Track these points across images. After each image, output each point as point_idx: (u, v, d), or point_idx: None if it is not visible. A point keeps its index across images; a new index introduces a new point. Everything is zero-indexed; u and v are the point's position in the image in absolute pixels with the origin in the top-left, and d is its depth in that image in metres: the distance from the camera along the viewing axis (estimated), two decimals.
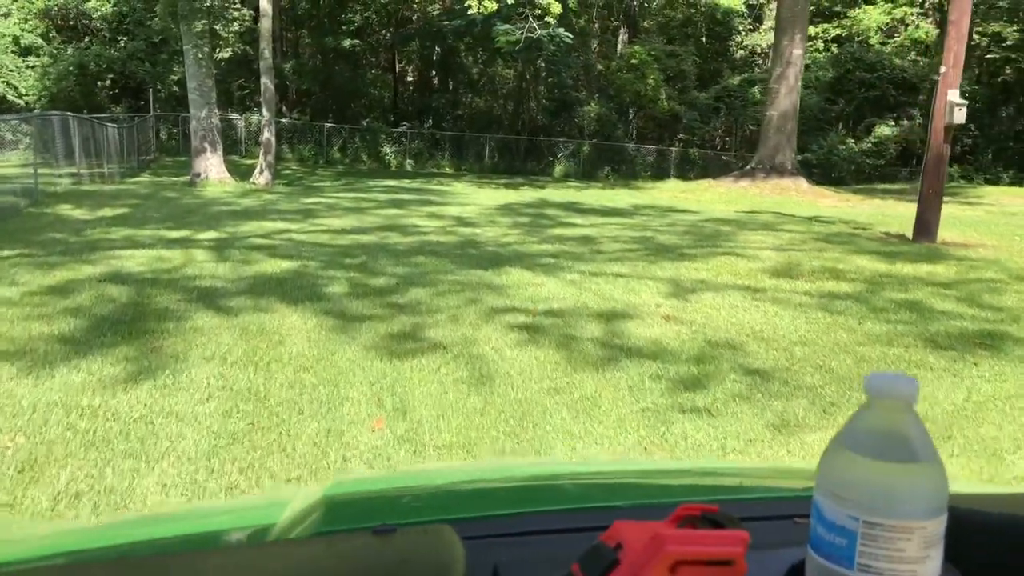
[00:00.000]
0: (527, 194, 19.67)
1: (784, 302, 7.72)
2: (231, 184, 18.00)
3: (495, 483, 1.49)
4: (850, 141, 33.78)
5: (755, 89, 35.06)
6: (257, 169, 19.36)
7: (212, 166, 17.99)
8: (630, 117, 35.87)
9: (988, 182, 33.58)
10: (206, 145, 17.86)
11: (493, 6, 19.08)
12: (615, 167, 32.75)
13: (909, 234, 12.94)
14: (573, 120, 34.15)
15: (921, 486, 0.65)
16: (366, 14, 34.32)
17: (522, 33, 28.01)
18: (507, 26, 28.99)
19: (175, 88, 30.22)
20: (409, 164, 31.53)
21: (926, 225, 11.92)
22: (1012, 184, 32.72)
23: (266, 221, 12.46)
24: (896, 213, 18.48)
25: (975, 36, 39.15)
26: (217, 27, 17.43)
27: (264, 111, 19.35)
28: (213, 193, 16.42)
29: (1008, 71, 35.75)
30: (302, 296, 7.53)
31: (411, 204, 15.62)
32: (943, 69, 11.47)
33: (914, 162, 37.01)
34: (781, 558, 0.74)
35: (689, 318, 7.02)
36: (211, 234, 11.08)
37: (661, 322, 6.86)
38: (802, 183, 23.16)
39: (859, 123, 34.77)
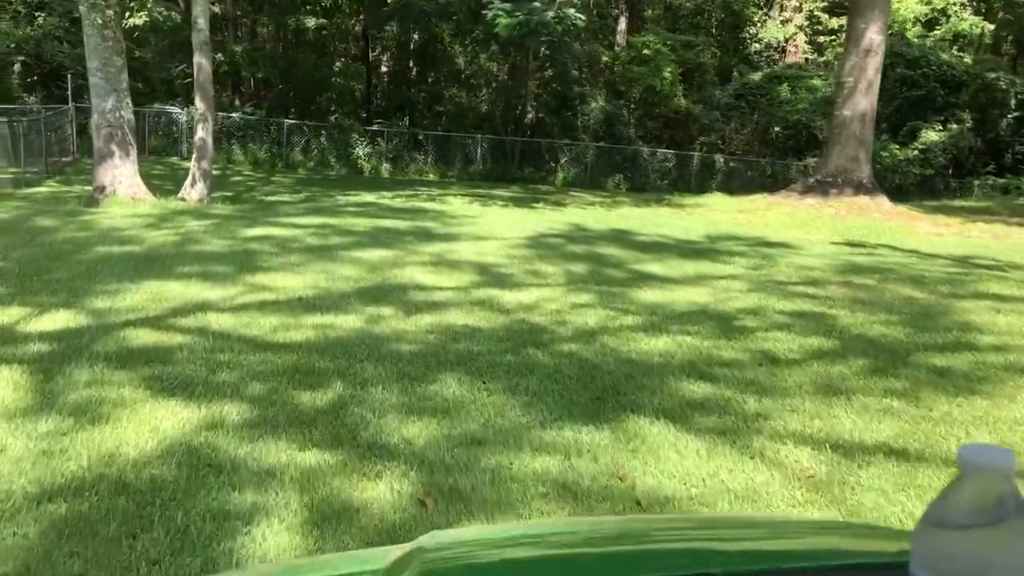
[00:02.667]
0: (551, 217, 14.84)
1: None
2: (148, 202, 12.96)
3: (592, 542, 1.40)
4: (893, 147, 29.34)
5: (784, 87, 30.56)
6: (188, 179, 14.35)
7: (122, 176, 12.97)
8: (638, 116, 31.14)
9: None
10: (113, 147, 12.83)
11: None
12: (627, 174, 28.03)
13: None
14: (575, 119, 29.38)
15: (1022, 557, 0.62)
16: None
17: (523, 14, 23.13)
18: (506, 4, 24.06)
19: None
20: (386, 169, 26.57)
21: None
22: None
23: (173, 280, 7.53)
24: None
25: None
26: None
27: (198, 101, 14.34)
28: (115, 218, 11.40)
29: None
30: None
31: (403, 238, 10.74)
32: None
33: (961, 172, 32.70)
34: None
35: None
36: (61, 316, 6.14)
37: None
38: (883, 202, 18.60)
39: (901, 127, 30.38)
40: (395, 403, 4.68)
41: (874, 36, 18.33)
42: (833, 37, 36.70)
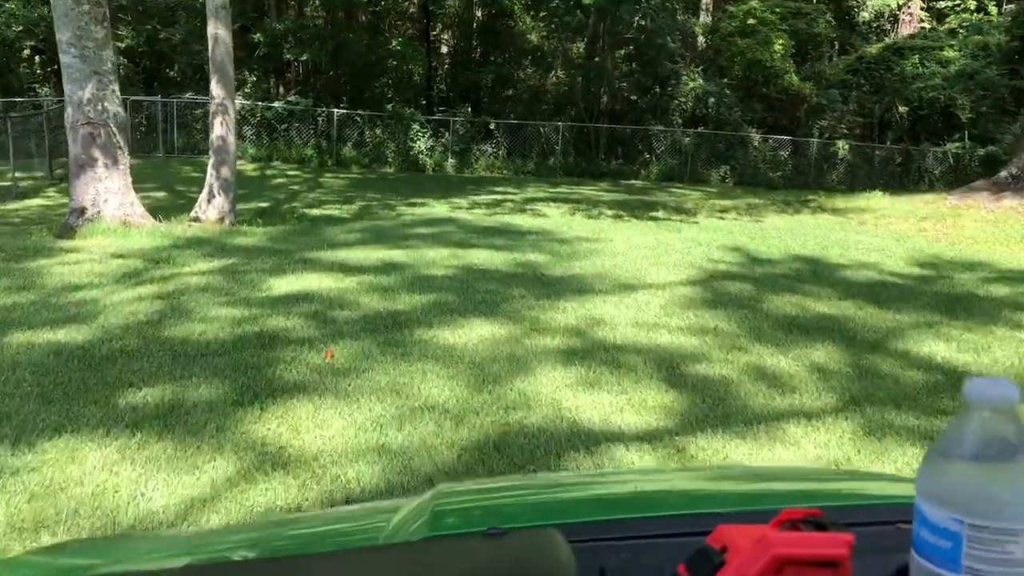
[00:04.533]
0: (692, 236, 10.87)
1: None
2: (143, 229, 9.33)
3: (598, 491, 1.44)
4: None
5: (914, 59, 26.02)
6: (204, 192, 10.71)
7: (108, 193, 9.36)
8: (739, 97, 26.83)
9: None
10: (95, 153, 9.24)
11: None
12: (733, 165, 23.85)
13: None
14: (669, 102, 25.23)
15: None
16: None
17: None
18: None
19: (119, 58, 21.59)
20: (451, 164, 22.80)
21: None
22: None
23: (98, 437, 3.82)
24: None
25: None
26: None
27: (214, 86, 10.68)
28: (82, 261, 7.76)
29: None
30: None
31: (509, 289, 6.94)
32: None
33: None
34: (885, 563, 0.74)
35: None
36: None
37: None
38: None
39: None
40: None
41: None
42: (957, 2, 31.92)
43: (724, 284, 7.57)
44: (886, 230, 12.44)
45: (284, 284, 6.93)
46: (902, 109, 26.85)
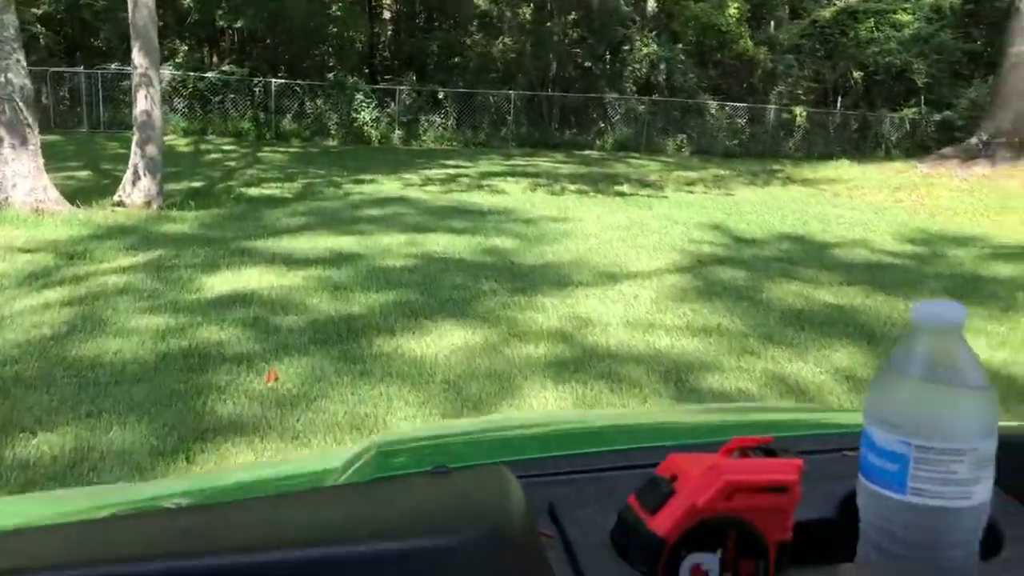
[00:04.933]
0: (664, 213, 10.14)
1: None
2: (59, 216, 8.29)
3: (547, 429, 1.44)
4: None
5: (870, 23, 25.58)
6: (128, 173, 9.67)
7: (17, 177, 8.28)
8: (693, 63, 26.17)
9: None
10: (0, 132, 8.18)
11: None
12: (690, 134, 23.20)
13: None
14: (622, 69, 24.46)
15: (971, 407, 0.63)
16: None
17: None
18: None
19: (36, 26, 20.12)
20: (398, 136, 21.75)
21: None
22: None
23: None
24: None
25: None
26: None
27: (136, 55, 9.63)
28: None
29: None
30: None
31: (478, 283, 6.14)
32: None
33: None
34: (834, 488, 0.75)
35: None
36: None
37: None
38: None
39: None
40: None
41: None
42: None
43: (713, 270, 6.86)
44: (862, 202, 11.88)
45: (218, 282, 6.02)
46: (856, 74, 26.44)
